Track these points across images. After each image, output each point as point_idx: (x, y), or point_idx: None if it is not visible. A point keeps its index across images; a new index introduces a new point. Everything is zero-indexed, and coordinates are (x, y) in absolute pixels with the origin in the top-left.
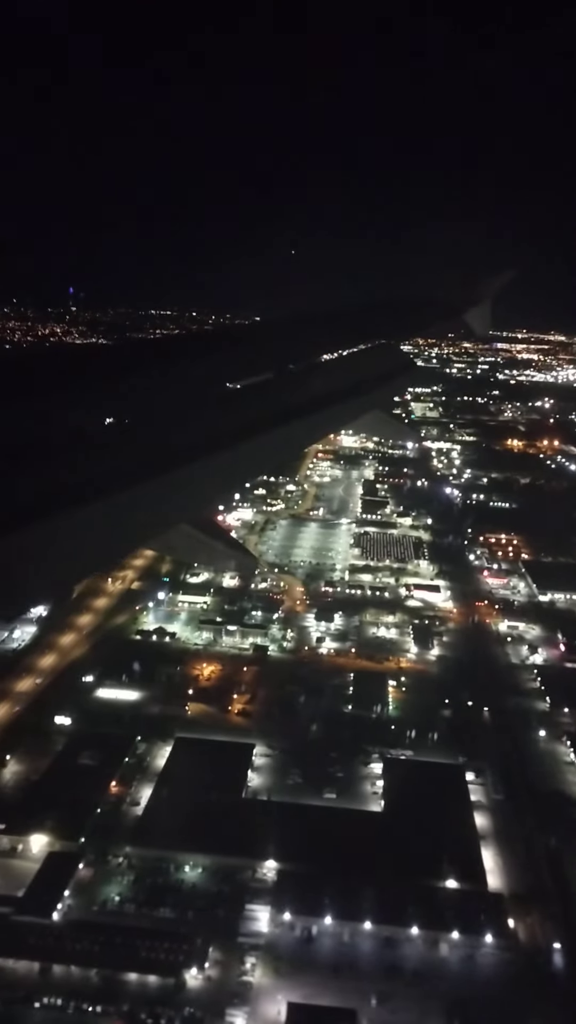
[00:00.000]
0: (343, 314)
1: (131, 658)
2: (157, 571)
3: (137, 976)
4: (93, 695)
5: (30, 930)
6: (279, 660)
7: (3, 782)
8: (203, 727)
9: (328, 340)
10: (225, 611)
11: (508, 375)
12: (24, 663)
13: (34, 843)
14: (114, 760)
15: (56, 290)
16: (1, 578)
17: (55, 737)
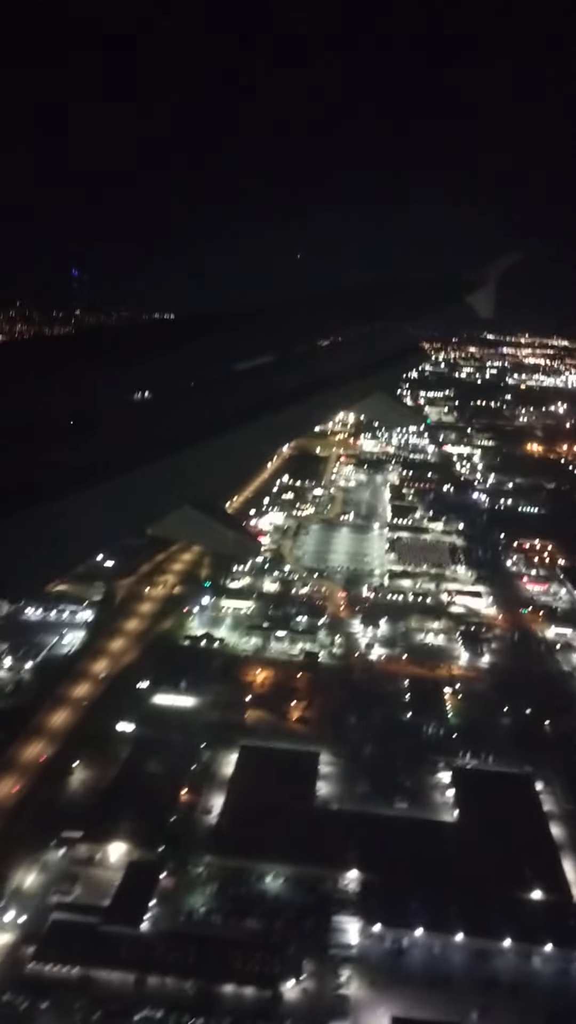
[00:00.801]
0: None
1: (182, 664)
2: (197, 576)
3: (233, 988)
4: (150, 701)
5: (121, 940)
6: (330, 666)
7: (72, 789)
8: (263, 734)
9: (332, 322)
10: (269, 616)
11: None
12: (77, 668)
13: (112, 852)
14: (181, 768)
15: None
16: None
17: (118, 744)
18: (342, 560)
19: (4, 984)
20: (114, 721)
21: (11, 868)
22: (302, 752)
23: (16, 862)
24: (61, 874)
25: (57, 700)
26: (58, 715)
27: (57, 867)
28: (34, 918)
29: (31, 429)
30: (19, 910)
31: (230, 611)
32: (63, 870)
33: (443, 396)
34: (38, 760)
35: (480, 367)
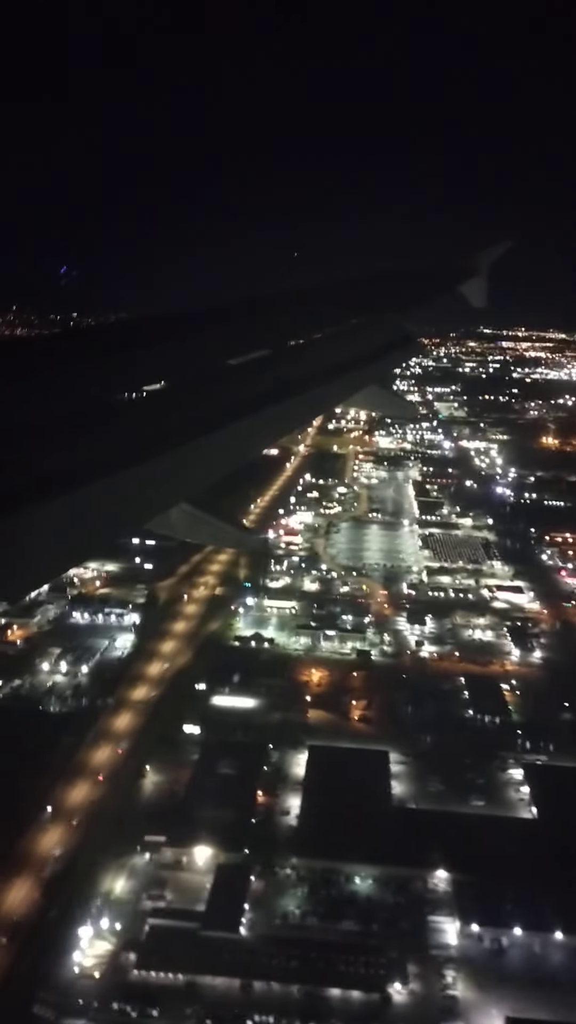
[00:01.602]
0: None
1: (236, 665)
2: (235, 576)
3: (340, 992)
4: (210, 703)
5: (222, 946)
6: (383, 665)
7: (147, 793)
8: (327, 734)
9: (326, 314)
10: (314, 615)
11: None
12: (133, 671)
13: (198, 855)
14: (252, 769)
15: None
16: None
17: (185, 746)
18: (377, 557)
19: (111, 992)
20: (178, 723)
21: (98, 874)
22: (371, 751)
23: (102, 867)
24: (149, 879)
25: (118, 703)
26: (121, 718)
27: (144, 872)
28: (130, 924)
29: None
30: (114, 917)
31: (275, 611)
32: (151, 875)
33: (450, 391)
34: (108, 764)
35: (483, 361)
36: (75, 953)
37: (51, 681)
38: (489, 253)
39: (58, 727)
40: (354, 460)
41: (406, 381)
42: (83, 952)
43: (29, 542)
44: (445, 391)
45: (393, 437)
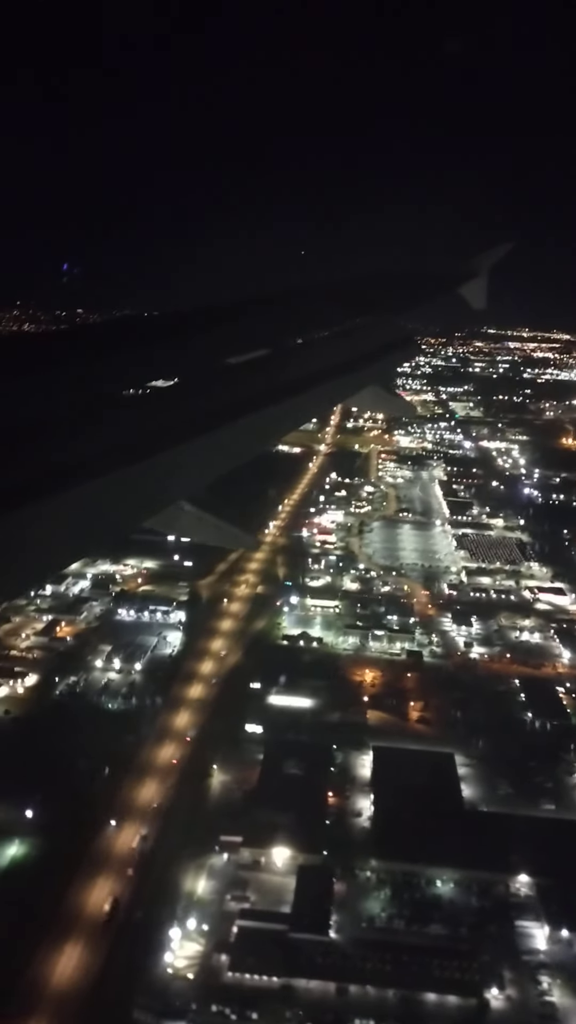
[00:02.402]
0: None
1: (287, 664)
2: (274, 574)
3: (436, 997)
4: (266, 702)
5: (313, 948)
6: (434, 666)
7: (215, 793)
8: (388, 735)
9: (325, 314)
10: (358, 615)
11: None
12: (185, 669)
13: (276, 856)
14: (318, 769)
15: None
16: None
17: (248, 745)
18: (413, 557)
19: (206, 993)
20: (236, 722)
21: (178, 874)
22: (437, 753)
23: (182, 867)
24: (230, 879)
25: (175, 701)
26: (180, 717)
27: (224, 872)
28: (217, 926)
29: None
30: (200, 917)
31: (318, 610)
32: (231, 875)
33: (463, 391)
34: (172, 763)
35: (491, 361)
36: (166, 954)
37: (106, 678)
38: (490, 255)
39: (118, 724)
40: (377, 459)
41: (418, 380)
42: (174, 953)
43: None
44: (458, 391)
45: (413, 436)
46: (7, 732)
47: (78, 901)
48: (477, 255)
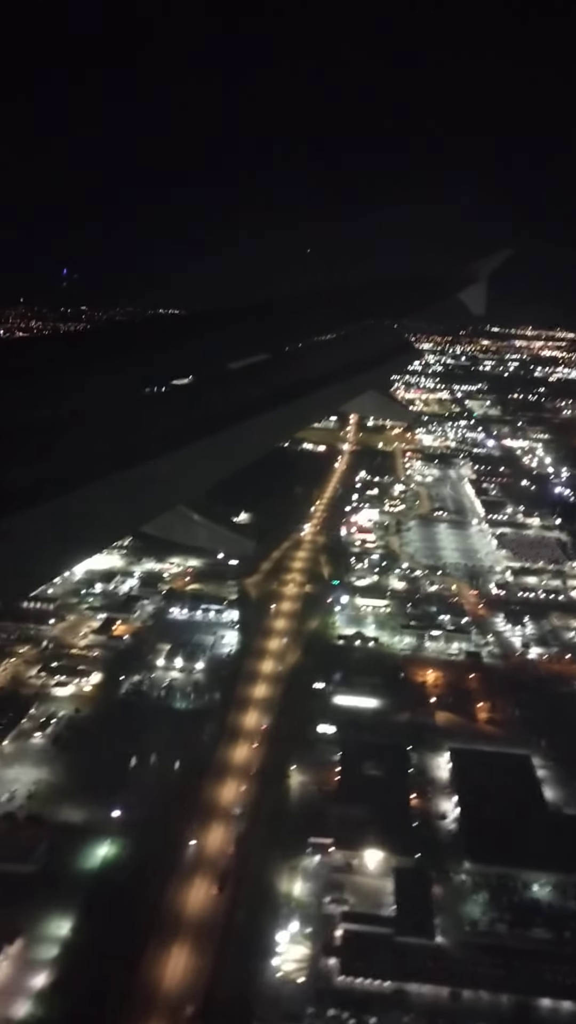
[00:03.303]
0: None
1: (347, 663)
2: (318, 573)
3: (551, 1002)
4: (332, 702)
5: (422, 952)
6: (493, 666)
7: (295, 794)
8: (460, 736)
9: (324, 320)
10: (410, 614)
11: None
12: (246, 669)
13: (368, 858)
14: (399, 771)
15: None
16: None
17: (321, 746)
18: (455, 557)
19: (319, 997)
20: (306, 722)
21: (272, 875)
22: (513, 755)
23: (274, 869)
24: (325, 882)
25: (240, 701)
26: (248, 716)
27: (317, 874)
28: (320, 928)
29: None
30: (302, 921)
31: (369, 609)
32: (325, 877)
33: (477, 389)
34: (249, 763)
35: (500, 360)
36: (274, 958)
37: (169, 677)
38: (488, 261)
39: (188, 724)
40: (402, 458)
41: (431, 379)
42: (282, 956)
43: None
44: (472, 389)
45: (434, 435)
46: (80, 731)
47: (178, 902)
48: (476, 261)
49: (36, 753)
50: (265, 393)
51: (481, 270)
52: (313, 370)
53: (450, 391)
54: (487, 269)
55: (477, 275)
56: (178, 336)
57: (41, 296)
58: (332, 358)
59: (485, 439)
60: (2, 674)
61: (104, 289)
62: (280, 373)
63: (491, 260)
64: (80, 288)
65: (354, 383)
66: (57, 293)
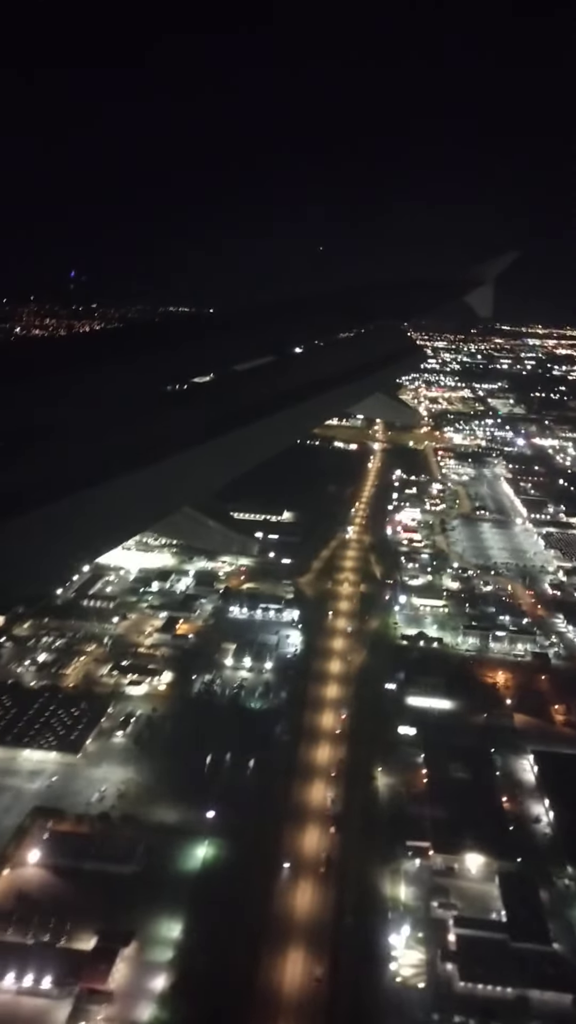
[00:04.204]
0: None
1: (414, 664)
2: (370, 572)
3: None
4: (406, 703)
5: (540, 958)
6: (562, 668)
7: (383, 795)
8: (540, 739)
9: (330, 322)
10: (469, 615)
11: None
12: (314, 669)
13: (469, 862)
14: (486, 774)
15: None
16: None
17: (403, 747)
18: (504, 556)
19: (442, 1004)
20: (384, 723)
21: (375, 879)
22: None
23: (376, 873)
24: (428, 886)
25: (314, 702)
26: (323, 717)
27: (419, 878)
28: (432, 934)
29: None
30: (413, 925)
31: (427, 609)
32: (427, 881)
33: (498, 387)
34: (332, 764)
35: (516, 358)
36: (391, 963)
37: (239, 677)
38: (494, 264)
39: (266, 724)
40: (435, 456)
41: (450, 377)
42: (398, 962)
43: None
44: (493, 387)
45: (463, 433)
46: (160, 730)
47: (283, 904)
48: (482, 263)
49: (120, 752)
50: (271, 395)
51: (487, 273)
52: (320, 372)
53: (471, 389)
54: (493, 272)
55: (483, 278)
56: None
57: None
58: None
59: (514, 438)
60: (74, 673)
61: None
62: (287, 375)
63: (497, 263)
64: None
65: (361, 385)
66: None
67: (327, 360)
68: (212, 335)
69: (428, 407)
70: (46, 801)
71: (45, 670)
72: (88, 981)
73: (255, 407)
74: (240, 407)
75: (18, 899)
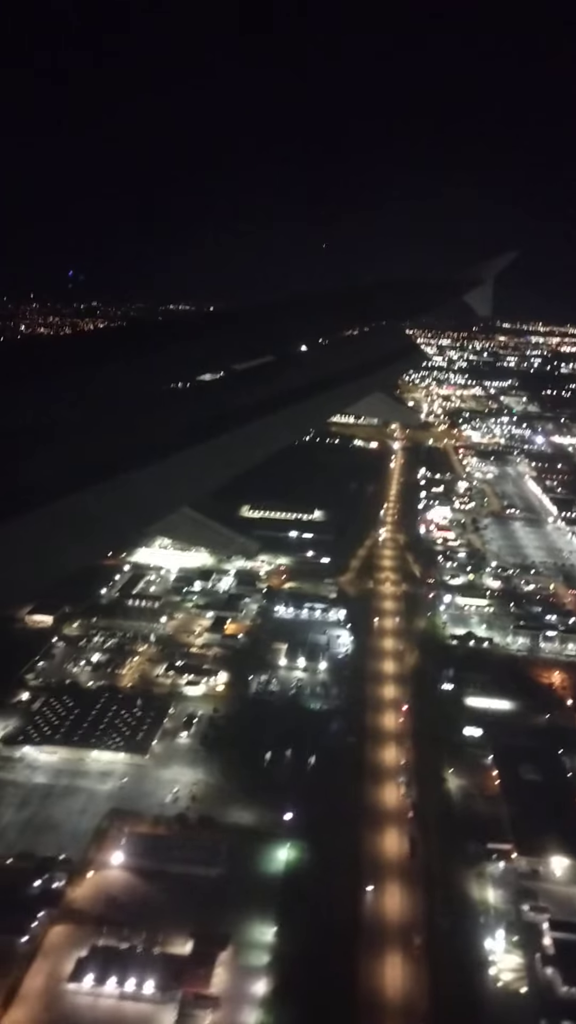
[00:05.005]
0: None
1: (466, 664)
2: (409, 571)
3: None
4: (465, 703)
5: None
6: None
7: (456, 798)
8: None
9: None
10: (515, 614)
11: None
12: (367, 669)
13: (555, 865)
14: (556, 775)
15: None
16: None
17: (469, 749)
18: (540, 555)
19: (550, 1010)
20: (445, 724)
21: (461, 882)
22: None
23: (461, 875)
24: (516, 889)
25: (373, 702)
26: (384, 717)
27: (506, 881)
28: (526, 937)
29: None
30: (507, 929)
31: (472, 609)
32: (514, 884)
33: (509, 385)
34: (401, 765)
35: (522, 356)
36: (490, 968)
37: (294, 677)
38: (494, 264)
39: (328, 724)
40: (455, 455)
41: (460, 375)
42: (496, 966)
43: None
44: (504, 385)
45: (479, 431)
46: (223, 730)
47: (372, 907)
48: (481, 262)
49: (186, 753)
50: (270, 395)
51: (486, 272)
52: (319, 372)
53: (482, 387)
54: (492, 271)
55: (482, 277)
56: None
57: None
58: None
59: (532, 436)
60: (130, 673)
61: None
62: (285, 375)
63: (496, 262)
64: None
65: (360, 385)
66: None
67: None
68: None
69: (442, 405)
70: (120, 803)
71: (100, 670)
72: (190, 986)
73: (253, 407)
74: (238, 407)
75: (107, 902)
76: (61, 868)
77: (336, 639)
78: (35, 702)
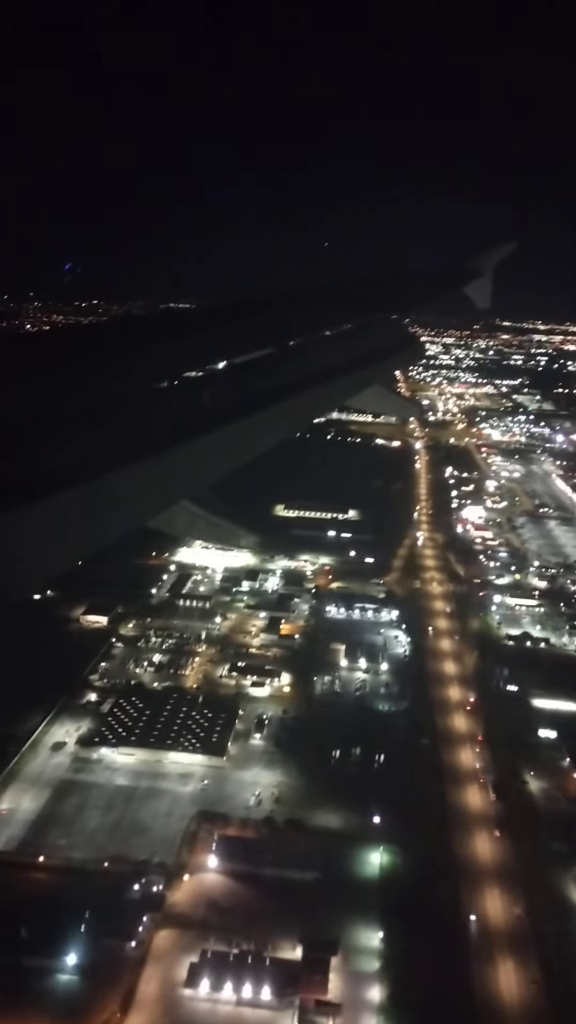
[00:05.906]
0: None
1: (527, 665)
2: (452, 570)
3: None
4: (534, 705)
5: None
6: None
7: (540, 801)
8: None
9: (328, 315)
10: (564, 614)
11: None
12: (428, 669)
13: None
14: None
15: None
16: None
17: (545, 751)
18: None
19: None
20: (517, 726)
21: (564, 887)
22: None
23: (562, 880)
24: None
25: (439, 704)
26: (454, 719)
27: None
28: None
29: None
30: None
31: (523, 609)
32: None
33: (519, 383)
34: (478, 767)
35: (528, 354)
36: None
37: (357, 678)
38: (493, 255)
39: (399, 726)
40: (478, 453)
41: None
42: None
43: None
44: (515, 383)
45: (497, 430)
46: (295, 732)
47: (474, 910)
48: (479, 254)
49: (262, 755)
50: (269, 388)
51: (485, 264)
52: (318, 365)
53: (493, 386)
54: (491, 262)
55: (481, 269)
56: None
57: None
58: (337, 353)
59: (552, 434)
60: (193, 674)
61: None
62: (284, 368)
63: (495, 253)
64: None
65: (360, 378)
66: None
67: (325, 353)
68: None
69: (456, 403)
70: (204, 805)
71: (163, 671)
72: (307, 992)
73: (252, 400)
74: (238, 400)
75: (208, 906)
76: (156, 872)
77: (393, 639)
78: (104, 703)
